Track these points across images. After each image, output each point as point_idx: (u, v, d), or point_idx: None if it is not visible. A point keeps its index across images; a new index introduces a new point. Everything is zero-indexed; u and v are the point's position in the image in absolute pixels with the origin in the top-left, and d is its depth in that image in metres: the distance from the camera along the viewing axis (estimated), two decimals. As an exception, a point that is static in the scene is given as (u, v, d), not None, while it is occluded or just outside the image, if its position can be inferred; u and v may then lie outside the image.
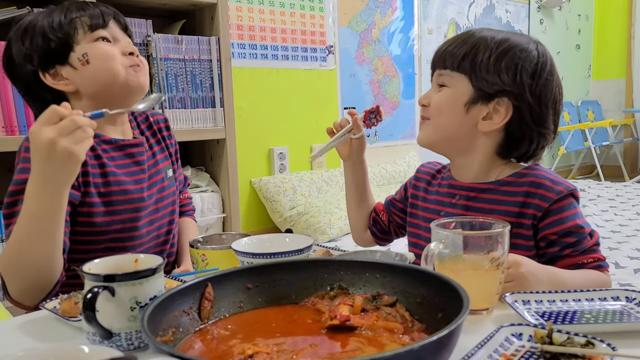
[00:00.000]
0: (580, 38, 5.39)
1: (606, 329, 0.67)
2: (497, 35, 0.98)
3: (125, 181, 1.08)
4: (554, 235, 0.93)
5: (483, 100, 0.96)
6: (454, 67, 0.98)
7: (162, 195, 1.15)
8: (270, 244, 0.89)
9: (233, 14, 2.68)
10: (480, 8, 4.22)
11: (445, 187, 1.06)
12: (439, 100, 1.00)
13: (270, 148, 2.89)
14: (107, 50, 1.06)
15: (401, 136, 3.62)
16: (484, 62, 0.95)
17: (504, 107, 0.95)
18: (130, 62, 1.08)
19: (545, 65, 0.97)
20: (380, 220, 1.22)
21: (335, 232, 2.57)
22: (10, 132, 1.65)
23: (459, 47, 0.97)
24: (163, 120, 1.25)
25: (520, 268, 0.79)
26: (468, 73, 0.96)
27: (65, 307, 0.76)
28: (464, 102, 0.97)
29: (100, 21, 1.06)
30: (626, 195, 3.35)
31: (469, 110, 0.97)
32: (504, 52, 0.95)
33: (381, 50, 3.48)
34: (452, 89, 0.98)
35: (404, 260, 0.85)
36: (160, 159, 1.18)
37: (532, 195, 0.95)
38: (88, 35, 1.05)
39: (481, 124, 0.97)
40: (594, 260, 0.93)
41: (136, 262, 0.71)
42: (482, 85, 0.95)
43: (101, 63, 1.05)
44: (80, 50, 1.05)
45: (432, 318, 0.63)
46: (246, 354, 0.56)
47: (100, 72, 1.06)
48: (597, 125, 4.87)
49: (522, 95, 0.94)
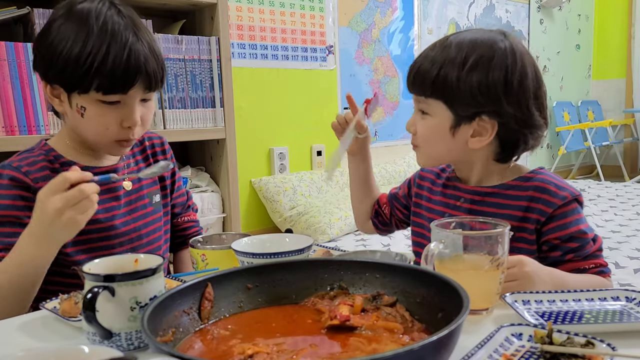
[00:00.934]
0: (580, 38, 5.39)
1: (606, 329, 0.67)
2: (462, 43, 0.93)
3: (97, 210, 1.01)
4: (557, 240, 0.93)
5: (465, 122, 0.94)
6: (428, 94, 0.96)
7: (145, 222, 1.11)
8: (270, 244, 0.89)
9: (233, 14, 2.68)
10: (480, 8, 4.22)
11: (450, 189, 1.05)
12: (424, 130, 0.99)
13: (270, 148, 2.89)
14: (103, 121, 0.97)
15: (401, 136, 3.62)
16: (454, 85, 0.92)
17: (488, 123, 0.94)
18: (122, 135, 1.00)
19: (515, 65, 0.92)
20: (382, 213, 1.22)
21: (335, 232, 2.57)
22: (10, 132, 1.65)
23: (429, 67, 0.94)
24: (159, 144, 1.20)
25: (524, 267, 0.79)
26: (443, 99, 0.94)
27: (65, 307, 0.76)
28: (447, 128, 0.96)
29: (121, 85, 0.95)
30: (626, 195, 3.36)
31: (455, 134, 0.96)
32: (472, 68, 0.91)
33: (381, 50, 3.48)
34: (433, 117, 0.97)
35: (404, 260, 0.85)
36: (146, 184, 1.13)
37: (536, 199, 0.95)
38: (99, 95, 0.95)
39: (471, 142, 0.96)
40: (596, 265, 0.92)
41: (136, 262, 0.71)
42: (459, 111, 0.94)
43: (91, 127, 0.99)
44: (82, 100, 0.96)
45: (432, 318, 0.63)
46: (246, 354, 0.56)
47: (87, 132, 1.01)
48: (597, 125, 4.86)
49: (500, 109, 0.92)
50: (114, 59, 0.93)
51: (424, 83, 0.95)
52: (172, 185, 1.22)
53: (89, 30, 0.93)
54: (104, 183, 0.86)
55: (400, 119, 3.62)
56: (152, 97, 1.03)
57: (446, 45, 0.95)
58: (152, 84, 0.98)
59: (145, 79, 0.97)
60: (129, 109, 0.98)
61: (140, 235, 1.10)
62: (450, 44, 0.94)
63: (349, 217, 2.64)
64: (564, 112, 5.03)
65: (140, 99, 1.00)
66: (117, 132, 0.99)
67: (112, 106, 0.97)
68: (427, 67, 0.95)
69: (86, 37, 0.93)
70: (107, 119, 0.98)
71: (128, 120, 0.98)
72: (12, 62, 1.64)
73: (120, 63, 0.93)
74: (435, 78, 0.93)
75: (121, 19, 0.96)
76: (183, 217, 1.27)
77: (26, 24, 1.75)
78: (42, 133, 1.69)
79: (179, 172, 1.26)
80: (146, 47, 0.97)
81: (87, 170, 1.00)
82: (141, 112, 1.01)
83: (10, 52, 1.64)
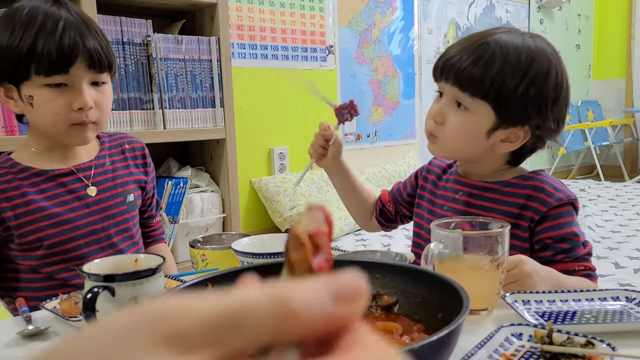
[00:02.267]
0: (580, 38, 5.39)
1: (606, 329, 0.67)
2: (519, 51, 0.91)
3: (56, 212, 1.02)
4: (549, 240, 0.94)
5: (504, 127, 0.94)
6: (478, 95, 0.92)
7: (116, 221, 1.10)
8: (270, 244, 0.90)
9: (233, 14, 2.68)
10: (480, 8, 4.22)
11: (451, 182, 1.06)
12: (456, 124, 0.95)
13: (270, 148, 2.89)
14: (52, 105, 0.96)
15: (401, 136, 3.62)
16: (511, 94, 0.90)
17: (522, 132, 0.95)
18: (76, 119, 0.98)
19: (562, 84, 0.94)
20: (387, 211, 1.21)
21: (335, 232, 2.57)
22: (10, 132, 1.65)
23: (481, 72, 0.91)
24: (140, 148, 1.20)
25: (525, 267, 0.80)
26: (493, 103, 0.92)
27: (65, 307, 0.76)
28: (485, 130, 0.94)
29: (59, 65, 0.93)
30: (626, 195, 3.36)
31: (490, 136, 0.95)
32: (530, 83, 0.91)
33: (381, 50, 3.48)
34: (473, 114, 0.94)
35: (404, 260, 0.85)
36: (120, 183, 1.12)
37: (532, 198, 0.95)
38: (42, 78, 0.94)
39: (499, 146, 0.96)
40: (585, 268, 0.93)
41: (136, 262, 0.71)
42: (506, 116, 0.93)
43: (42, 114, 0.97)
44: (29, 89, 0.96)
45: (432, 318, 0.63)
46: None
47: (41, 122, 1.00)
48: (597, 125, 4.86)
49: (544, 123, 0.94)
50: (46, 39, 0.92)
51: (476, 83, 0.91)
52: (153, 189, 1.23)
53: (17, 20, 0.94)
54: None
55: (401, 119, 3.62)
56: (105, 80, 1.02)
57: (502, 54, 0.91)
58: (96, 62, 0.97)
59: (87, 56, 0.95)
60: (77, 89, 0.97)
61: (109, 235, 1.08)
62: (506, 47, 0.91)
63: (349, 217, 2.63)
64: (564, 112, 5.02)
65: (91, 81, 0.99)
66: (70, 116, 0.98)
67: (58, 89, 0.96)
68: (480, 67, 0.91)
69: (14, 27, 0.93)
70: (55, 103, 0.96)
71: (77, 101, 0.96)
72: (12, 62, 1.64)
73: (54, 42, 0.92)
74: (492, 83, 0.90)
75: (55, 8, 0.96)
76: (156, 219, 1.28)
77: (26, 24, 1.74)
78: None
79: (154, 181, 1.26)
80: (84, 27, 0.96)
81: (45, 173, 1.03)
82: (94, 96, 0.99)
83: (10, 52, 1.64)
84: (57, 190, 1.04)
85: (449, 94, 0.96)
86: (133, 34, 1.92)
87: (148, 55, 1.95)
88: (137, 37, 1.92)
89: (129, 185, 1.14)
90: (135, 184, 1.16)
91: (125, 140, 1.18)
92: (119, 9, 1.96)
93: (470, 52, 0.93)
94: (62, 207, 1.04)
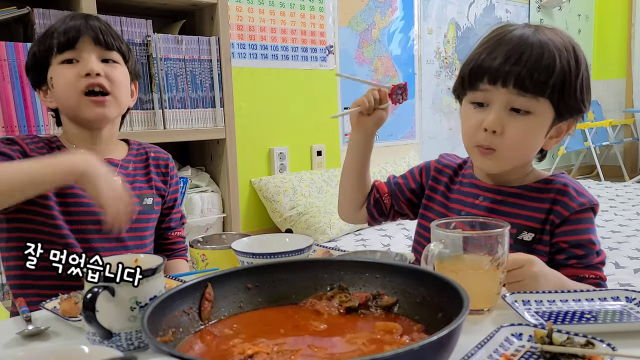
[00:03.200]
0: (580, 38, 5.38)
1: (606, 329, 0.67)
2: (561, 43, 0.91)
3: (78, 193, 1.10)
4: (565, 244, 0.93)
5: (557, 122, 0.95)
6: (544, 94, 0.90)
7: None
8: (270, 244, 0.89)
9: (233, 14, 2.68)
10: (480, 8, 4.22)
11: (467, 186, 1.04)
12: (521, 131, 0.91)
13: (270, 148, 2.89)
14: (64, 75, 1.08)
15: (401, 136, 3.62)
16: (572, 89, 0.91)
17: (566, 124, 0.96)
18: (85, 84, 1.07)
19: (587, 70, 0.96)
20: (383, 203, 1.14)
21: (335, 232, 2.57)
22: (10, 132, 1.65)
23: (543, 67, 0.89)
24: (164, 159, 1.27)
25: (532, 267, 0.79)
26: (556, 98, 0.91)
27: (65, 307, 0.76)
28: (547, 128, 0.94)
29: (66, 41, 1.07)
30: (626, 195, 3.36)
31: (547, 134, 0.96)
32: (583, 76, 0.93)
33: (381, 50, 3.48)
34: (535, 116, 0.91)
35: (404, 260, 0.85)
36: (139, 186, 1.19)
37: (557, 202, 0.95)
38: (57, 57, 1.08)
39: (548, 143, 0.97)
40: (595, 277, 0.92)
41: (136, 262, 0.71)
42: (565, 111, 0.93)
43: (60, 89, 1.09)
44: (50, 72, 1.10)
45: (432, 318, 0.63)
46: (246, 354, 0.56)
47: (61, 99, 1.11)
48: (597, 125, 4.86)
49: (586, 109, 0.95)
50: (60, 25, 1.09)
51: (544, 83, 0.89)
52: (174, 201, 1.28)
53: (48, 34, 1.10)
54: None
55: (401, 119, 3.62)
56: (115, 59, 1.12)
57: (549, 49, 0.90)
58: (101, 39, 1.09)
59: (92, 34, 1.08)
60: (85, 60, 1.08)
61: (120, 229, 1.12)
62: (550, 41, 0.91)
63: (349, 217, 2.64)
64: (564, 112, 5.03)
65: (100, 58, 1.10)
66: (79, 83, 1.07)
67: (70, 65, 1.08)
68: (536, 65, 0.89)
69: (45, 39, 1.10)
70: (68, 74, 1.08)
71: (84, 69, 1.07)
72: (12, 62, 1.65)
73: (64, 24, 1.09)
74: (557, 79, 0.90)
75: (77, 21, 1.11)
76: (176, 232, 1.31)
77: (26, 24, 1.75)
78: (42, 133, 1.69)
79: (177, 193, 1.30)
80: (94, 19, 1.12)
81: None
82: (104, 68, 1.09)
83: (10, 52, 1.64)
84: None
85: (502, 101, 0.91)
86: (133, 34, 1.92)
87: (148, 55, 1.95)
88: (137, 37, 1.92)
89: (146, 190, 1.20)
90: (154, 190, 1.22)
91: (152, 150, 1.26)
92: (119, 9, 1.96)
93: (517, 53, 0.89)
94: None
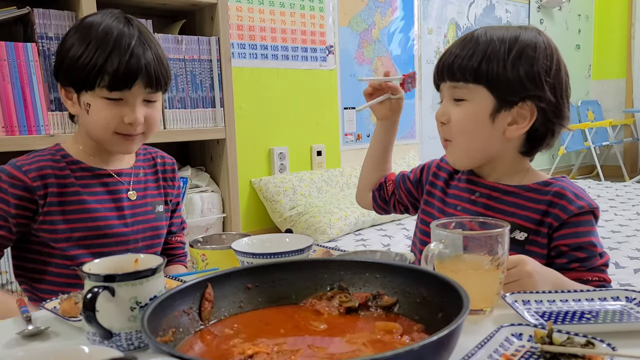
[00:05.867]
0: (580, 38, 5.39)
1: (606, 329, 0.67)
2: (504, 36, 0.94)
3: (95, 208, 1.09)
4: (565, 247, 0.93)
5: (506, 107, 0.94)
6: (470, 79, 0.94)
7: (144, 227, 1.16)
8: (270, 244, 0.89)
9: (233, 14, 2.68)
10: (480, 8, 4.22)
11: (464, 182, 1.05)
12: (460, 117, 0.96)
13: (270, 148, 2.89)
14: (104, 115, 1.04)
15: (401, 136, 3.62)
16: (500, 70, 0.92)
17: (527, 110, 0.94)
18: (124, 130, 1.06)
19: (553, 55, 0.95)
20: (385, 189, 1.22)
21: (335, 232, 2.57)
22: (10, 132, 1.65)
23: (469, 57, 0.94)
24: (170, 164, 1.27)
25: (525, 266, 0.79)
26: (487, 84, 0.93)
27: (65, 307, 0.76)
28: (488, 114, 0.95)
29: (121, 82, 1.02)
30: (626, 195, 3.36)
31: (495, 120, 0.95)
32: (518, 56, 0.92)
33: (381, 50, 3.48)
34: (472, 102, 0.95)
35: (404, 260, 0.85)
36: (150, 194, 1.19)
37: (554, 205, 0.95)
38: (103, 91, 1.02)
39: (509, 131, 0.95)
40: (599, 279, 0.92)
41: (136, 262, 0.71)
42: (504, 95, 0.93)
43: (95, 122, 1.05)
44: (88, 97, 1.04)
45: (432, 318, 0.63)
46: (246, 354, 0.56)
47: (91, 128, 1.07)
48: (597, 125, 4.86)
49: (543, 95, 0.93)
50: (117, 59, 1.01)
51: (466, 70, 0.94)
52: (176, 205, 1.29)
53: (92, 37, 1.02)
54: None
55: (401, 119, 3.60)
56: (157, 99, 1.10)
57: (486, 38, 0.94)
58: (154, 83, 1.05)
59: (146, 78, 1.04)
60: (131, 106, 1.05)
61: (136, 239, 1.14)
62: (491, 37, 0.94)
63: (349, 217, 2.64)
64: (564, 112, 5.02)
65: (144, 99, 1.07)
66: (119, 128, 1.06)
67: (114, 102, 1.04)
68: (467, 56, 0.94)
69: (89, 42, 1.02)
70: (108, 113, 1.04)
71: (129, 116, 1.04)
72: (12, 62, 1.64)
73: (122, 63, 1.01)
74: (478, 65, 0.93)
75: (126, 27, 1.05)
76: (176, 237, 1.32)
77: (26, 24, 1.75)
78: (42, 133, 1.69)
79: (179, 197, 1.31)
80: (149, 51, 1.05)
81: (92, 170, 1.10)
82: (145, 112, 1.07)
83: (10, 52, 1.64)
84: (99, 188, 1.12)
85: (447, 94, 0.99)
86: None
87: (148, 55, 1.95)
88: (137, 37, 1.92)
89: (157, 197, 1.21)
90: (163, 197, 1.22)
91: (159, 155, 1.26)
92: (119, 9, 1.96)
93: (457, 46, 0.97)
94: (100, 204, 1.11)
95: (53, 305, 0.79)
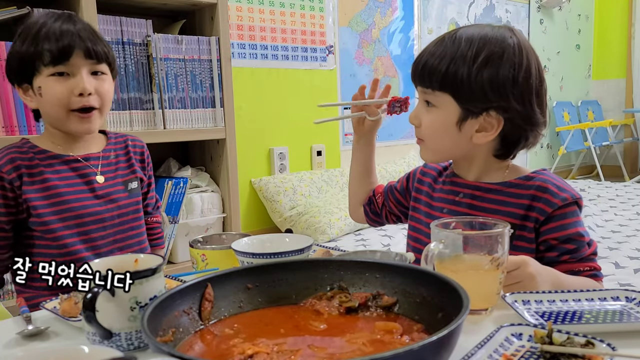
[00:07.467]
0: (580, 38, 5.39)
1: (606, 329, 0.67)
2: (472, 38, 0.93)
3: (68, 191, 1.16)
4: (554, 241, 0.94)
5: (472, 116, 0.94)
6: (437, 87, 0.94)
7: (119, 204, 1.22)
8: (270, 244, 0.90)
9: (233, 14, 2.68)
10: (480, 8, 4.22)
11: (448, 185, 1.05)
12: (430, 123, 0.98)
13: (270, 148, 2.89)
14: (55, 91, 1.10)
15: (401, 136, 3.62)
16: (464, 80, 0.91)
17: (494, 119, 0.94)
18: (77, 103, 1.11)
19: (522, 59, 0.93)
20: (375, 202, 1.24)
21: (335, 232, 2.57)
22: (10, 132, 1.65)
23: (440, 59, 0.93)
24: (140, 146, 1.32)
25: (527, 268, 0.79)
26: (452, 92, 0.93)
27: (65, 307, 0.76)
28: (454, 122, 0.95)
29: (59, 54, 1.08)
30: (626, 195, 3.36)
31: (461, 128, 0.95)
32: (483, 64, 0.91)
33: (381, 50, 3.48)
34: (440, 109, 0.96)
35: (404, 260, 0.85)
36: (121, 174, 1.25)
37: (537, 199, 0.95)
38: (48, 69, 1.09)
39: (476, 137, 0.96)
40: (590, 269, 0.93)
41: (136, 262, 0.71)
42: (468, 105, 0.93)
43: (49, 102, 1.11)
44: (38, 81, 1.11)
45: (432, 318, 0.63)
46: (246, 354, 0.56)
47: (48, 110, 1.13)
48: (597, 125, 4.86)
49: (508, 105, 0.92)
50: (54, 38, 1.09)
51: (433, 76, 0.94)
52: (149, 186, 1.34)
53: (30, 32, 1.11)
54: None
55: (401, 119, 3.61)
56: (104, 71, 1.15)
57: (455, 39, 0.94)
58: (92, 52, 1.12)
59: (83, 47, 1.10)
60: (77, 78, 1.11)
61: (112, 217, 1.21)
62: (460, 38, 0.94)
63: (349, 217, 2.63)
64: (564, 112, 5.03)
65: (90, 71, 1.13)
66: (71, 101, 1.11)
67: (62, 78, 1.11)
68: (436, 60, 0.94)
69: (27, 36, 1.11)
70: (59, 88, 1.10)
71: (77, 87, 1.10)
72: (12, 62, 1.64)
73: (56, 35, 1.09)
74: (445, 72, 0.93)
75: (61, 24, 1.11)
76: (152, 218, 1.37)
77: (26, 24, 1.75)
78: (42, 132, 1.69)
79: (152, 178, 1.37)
80: (79, 24, 1.13)
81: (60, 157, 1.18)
82: (94, 83, 1.13)
83: (10, 52, 1.64)
84: (69, 173, 1.18)
85: (421, 97, 1.00)
86: (133, 34, 1.92)
87: (148, 55, 1.95)
88: (137, 37, 1.92)
89: (130, 175, 1.27)
90: (135, 174, 1.28)
91: (129, 138, 1.31)
92: (119, 9, 1.96)
93: (432, 45, 0.97)
94: (72, 187, 1.17)
95: (53, 305, 0.79)
